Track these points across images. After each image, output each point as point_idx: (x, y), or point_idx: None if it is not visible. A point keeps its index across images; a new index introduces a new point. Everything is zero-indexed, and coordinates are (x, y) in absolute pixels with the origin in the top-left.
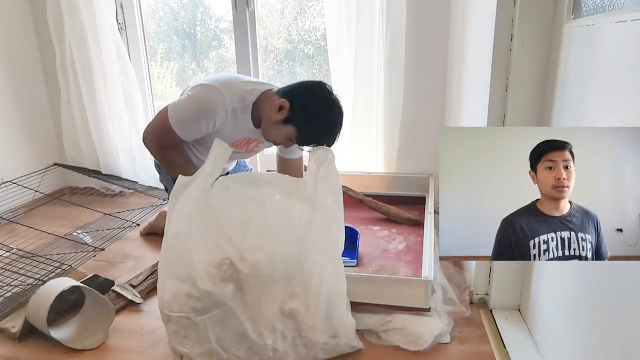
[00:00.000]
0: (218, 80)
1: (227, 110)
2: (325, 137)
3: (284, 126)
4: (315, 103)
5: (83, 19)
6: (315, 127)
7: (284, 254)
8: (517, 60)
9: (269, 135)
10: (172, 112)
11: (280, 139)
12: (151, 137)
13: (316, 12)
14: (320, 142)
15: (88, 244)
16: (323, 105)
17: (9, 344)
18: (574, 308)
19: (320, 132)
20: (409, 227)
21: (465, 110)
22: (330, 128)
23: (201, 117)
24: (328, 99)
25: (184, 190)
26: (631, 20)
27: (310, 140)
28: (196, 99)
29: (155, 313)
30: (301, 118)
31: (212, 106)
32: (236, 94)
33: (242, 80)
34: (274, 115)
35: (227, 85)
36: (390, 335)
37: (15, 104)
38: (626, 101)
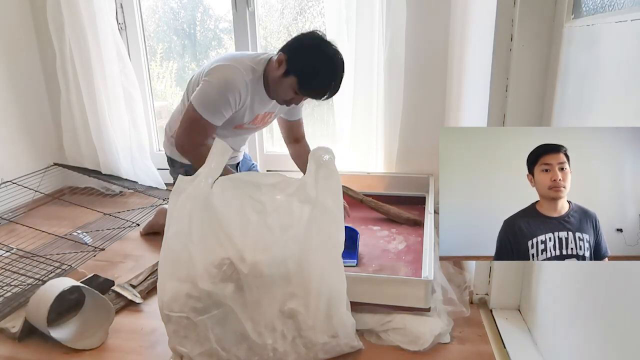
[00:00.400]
0: (227, 58)
1: (245, 82)
2: (324, 81)
3: (286, 79)
4: (308, 49)
5: (83, 19)
6: (312, 72)
7: (284, 254)
8: (517, 60)
9: (277, 94)
10: (197, 102)
11: (286, 94)
12: (185, 137)
13: (316, 12)
14: (320, 91)
15: (88, 244)
16: (316, 49)
17: (9, 344)
18: (574, 308)
19: (319, 75)
20: (409, 227)
21: (465, 110)
22: (328, 70)
23: (227, 93)
24: (320, 43)
25: (184, 191)
26: (631, 20)
27: (311, 85)
28: (215, 80)
29: (155, 313)
30: (298, 66)
31: (232, 80)
32: (248, 67)
33: (248, 55)
34: (275, 72)
35: (237, 60)
36: (390, 335)
37: (15, 104)
38: (626, 101)
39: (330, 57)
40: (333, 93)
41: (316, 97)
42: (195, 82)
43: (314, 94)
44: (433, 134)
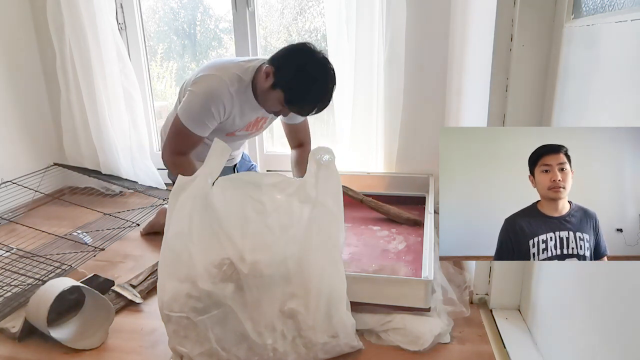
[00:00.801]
0: (213, 67)
1: (230, 93)
2: (312, 98)
3: (274, 91)
4: (295, 62)
5: (83, 19)
6: (299, 89)
7: (284, 254)
8: (517, 60)
9: (266, 105)
10: (181, 113)
11: (274, 106)
12: (168, 147)
13: (316, 12)
14: (310, 104)
15: (88, 244)
16: (303, 67)
17: (9, 344)
18: (574, 308)
19: (306, 94)
20: (409, 227)
21: (465, 110)
22: (316, 88)
23: (210, 104)
24: (308, 61)
25: (184, 191)
26: (631, 20)
27: (297, 100)
28: (198, 91)
29: (155, 313)
30: (285, 80)
31: (215, 91)
32: (234, 76)
33: (236, 62)
34: (263, 83)
35: (222, 69)
36: (390, 335)
37: (15, 104)
38: (626, 101)
39: (317, 76)
40: (322, 108)
41: (303, 113)
42: (184, 89)
43: (300, 110)
44: (433, 134)
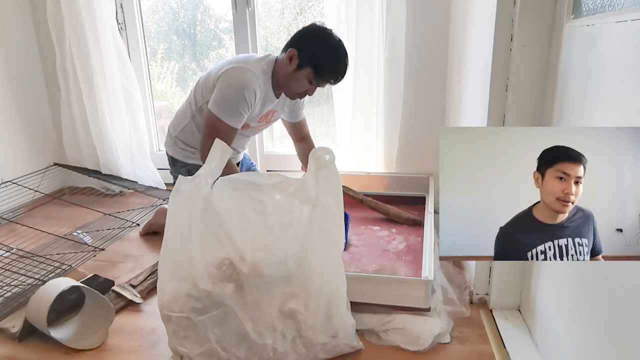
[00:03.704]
0: (236, 61)
1: (259, 83)
2: (337, 64)
3: (300, 71)
4: (316, 39)
5: (83, 19)
6: (326, 58)
7: (284, 254)
8: (517, 60)
9: (291, 89)
10: (215, 107)
11: (301, 86)
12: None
13: (316, 12)
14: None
15: (88, 244)
16: (322, 37)
17: (9, 344)
18: (574, 308)
19: (332, 60)
20: (409, 227)
21: (465, 110)
22: (339, 53)
23: (244, 92)
24: (324, 33)
25: (184, 191)
26: (631, 20)
27: (327, 72)
28: (230, 82)
29: (155, 313)
30: (311, 56)
31: (248, 79)
32: (259, 69)
33: (255, 57)
34: (288, 68)
35: (248, 62)
36: (390, 335)
37: (15, 104)
38: (626, 101)
39: (335, 44)
40: (344, 75)
41: (332, 80)
42: (203, 84)
43: (330, 77)
44: (433, 134)
